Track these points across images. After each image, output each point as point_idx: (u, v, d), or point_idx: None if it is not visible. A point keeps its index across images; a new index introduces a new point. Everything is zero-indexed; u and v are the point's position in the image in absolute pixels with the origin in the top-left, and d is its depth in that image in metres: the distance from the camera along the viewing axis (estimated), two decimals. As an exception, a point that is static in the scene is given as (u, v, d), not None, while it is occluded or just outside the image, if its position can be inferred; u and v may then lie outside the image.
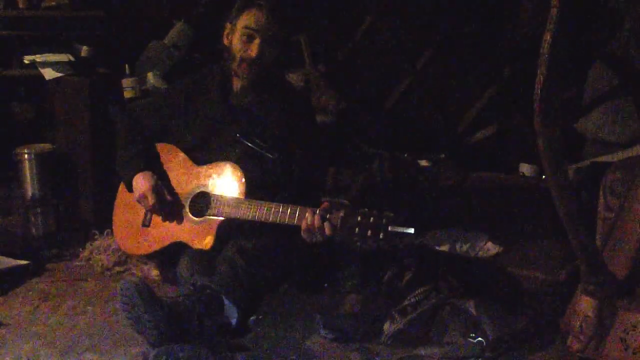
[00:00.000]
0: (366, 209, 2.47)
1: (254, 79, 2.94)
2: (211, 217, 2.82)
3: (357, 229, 2.46)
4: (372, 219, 2.44)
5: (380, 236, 2.42)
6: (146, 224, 3.01)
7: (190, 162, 2.98)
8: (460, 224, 3.76)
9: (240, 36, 2.90)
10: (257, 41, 2.88)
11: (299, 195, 2.76)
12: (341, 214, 2.52)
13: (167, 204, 2.91)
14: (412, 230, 2.42)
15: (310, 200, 2.66)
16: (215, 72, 3.07)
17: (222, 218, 2.79)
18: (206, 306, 2.49)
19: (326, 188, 3.88)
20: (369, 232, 2.44)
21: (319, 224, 2.55)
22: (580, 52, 3.97)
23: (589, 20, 4.10)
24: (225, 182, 2.84)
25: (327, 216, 2.55)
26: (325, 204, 2.58)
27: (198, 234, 2.84)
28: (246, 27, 2.88)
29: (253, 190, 2.78)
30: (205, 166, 2.93)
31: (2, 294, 3.07)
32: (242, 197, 2.77)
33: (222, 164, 2.88)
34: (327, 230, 2.55)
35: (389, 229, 2.42)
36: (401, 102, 4.96)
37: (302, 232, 2.60)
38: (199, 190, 2.90)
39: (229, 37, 2.96)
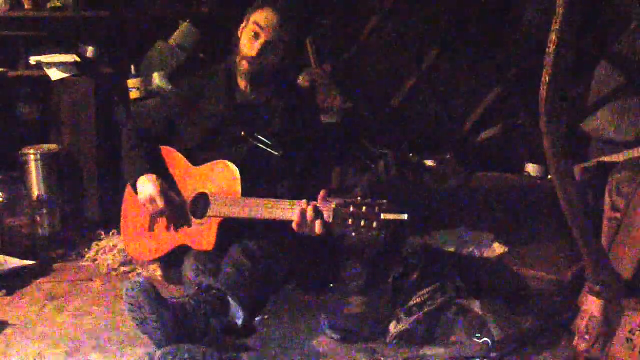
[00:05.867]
0: (358, 198, 2.43)
1: (250, 77, 2.93)
2: (211, 217, 2.81)
3: (350, 220, 2.42)
4: (364, 208, 2.40)
5: (374, 225, 2.39)
6: (151, 228, 3.01)
7: (188, 164, 2.98)
8: (466, 224, 3.75)
9: (248, 32, 2.89)
10: (260, 40, 2.87)
11: (303, 193, 2.74)
12: (333, 205, 2.49)
13: (174, 207, 2.91)
14: (405, 216, 2.37)
15: (314, 197, 2.64)
16: (221, 70, 3.07)
17: (222, 218, 2.79)
18: (212, 307, 2.49)
19: (332, 188, 3.88)
20: (362, 222, 2.40)
21: (312, 217, 2.54)
22: (586, 52, 3.95)
23: (595, 19, 4.09)
24: (222, 181, 2.83)
25: (320, 208, 2.54)
26: (320, 195, 2.57)
27: (200, 235, 2.84)
28: (254, 23, 2.87)
29: (256, 188, 2.78)
30: (202, 167, 2.92)
31: (9, 294, 3.08)
32: (238, 195, 2.77)
33: (217, 163, 2.87)
34: (319, 223, 2.52)
35: (382, 217, 2.39)
36: (407, 102, 4.96)
37: (294, 226, 2.57)
38: (198, 192, 2.90)
39: (241, 32, 2.96)
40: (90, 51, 4.06)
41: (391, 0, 4.85)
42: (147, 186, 2.90)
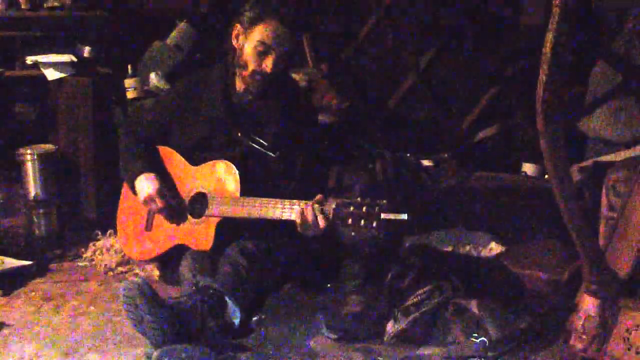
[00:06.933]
0: (358, 199, 2.44)
1: (262, 89, 2.92)
2: (209, 217, 2.81)
3: (350, 220, 2.43)
4: (364, 208, 2.41)
5: (374, 224, 2.39)
6: (148, 227, 3.01)
7: (186, 164, 2.97)
8: (463, 224, 3.76)
9: (254, 47, 2.84)
10: (272, 57, 2.83)
11: (300, 194, 2.75)
12: (333, 205, 2.50)
13: (172, 206, 2.91)
14: (405, 216, 2.37)
15: (311, 198, 2.64)
16: (217, 71, 3.06)
17: (220, 217, 2.79)
18: (209, 306, 2.49)
19: (329, 188, 3.88)
20: (362, 222, 2.40)
21: (312, 217, 2.55)
22: (583, 51, 3.96)
23: (592, 19, 4.10)
24: (220, 181, 2.83)
25: (320, 208, 2.55)
26: (319, 197, 2.57)
27: (197, 235, 2.83)
28: (262, 42, 2.82)
29: (253, 189, 2.78)
30: (200, 166, 2.92)
31: (5, 294, 3.08)
32: (236, 194, 2.77)
33: (216, 162, 2.87)
34: (321, 223, 2.53)
35: (382, 216, 2.39)
36: (404, 102, 4.96)
37: (297, 227, 2.58)
38: (196, 191, 2.90)
39: (240, 41, 2.90)
40: (87, 51, 4.06)
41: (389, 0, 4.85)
42: (146, 185, 2.90)
